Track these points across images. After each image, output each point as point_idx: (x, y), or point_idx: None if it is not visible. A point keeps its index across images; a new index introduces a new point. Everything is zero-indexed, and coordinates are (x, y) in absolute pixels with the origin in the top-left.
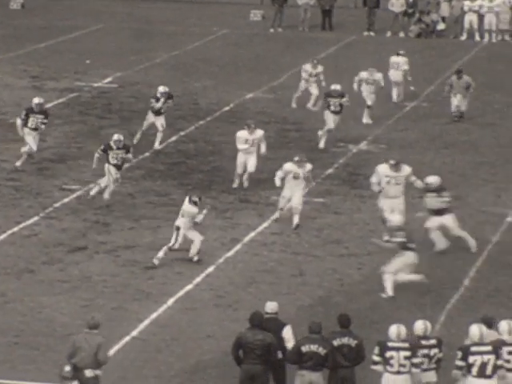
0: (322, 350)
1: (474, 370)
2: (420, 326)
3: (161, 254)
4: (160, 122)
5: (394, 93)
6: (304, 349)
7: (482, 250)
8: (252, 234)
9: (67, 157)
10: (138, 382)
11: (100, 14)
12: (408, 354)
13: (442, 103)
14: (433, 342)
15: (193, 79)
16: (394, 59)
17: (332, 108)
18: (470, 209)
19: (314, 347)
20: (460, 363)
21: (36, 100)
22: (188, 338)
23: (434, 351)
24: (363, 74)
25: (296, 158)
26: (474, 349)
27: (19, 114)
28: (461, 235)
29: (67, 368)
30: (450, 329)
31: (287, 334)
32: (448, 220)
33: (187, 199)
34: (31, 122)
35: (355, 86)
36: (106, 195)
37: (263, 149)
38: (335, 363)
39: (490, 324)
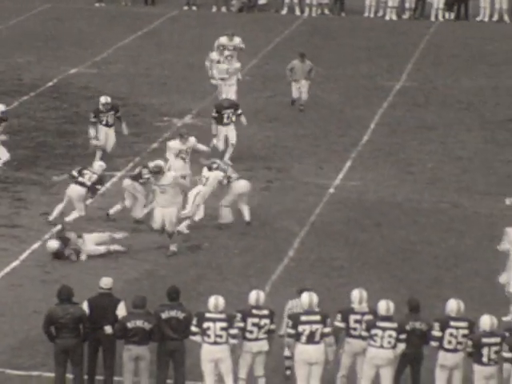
0: (147, 325)
1: (303, 338)
2: (253, 295)
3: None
4: None
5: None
6: (130, 325)
7: (306, 221)
8: None
9: None
10: None
11: None
12: (224, 324)
13: (265, 76)
14: (265, 312)
15: (16, 55)
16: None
17: (225, 120)
18: (294, 181)
19: (139, 323)
20: (291, 331)
21: (103, 99)
22: (15, 314)
23: (264, 321)
24: (213, 55)
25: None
26: (303, 318)
27: None
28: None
29: None
30: (275, 299)
31: (121, 310)
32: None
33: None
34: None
35: (207, 64)
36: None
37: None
38: (163, 336)
39: (302, 291)
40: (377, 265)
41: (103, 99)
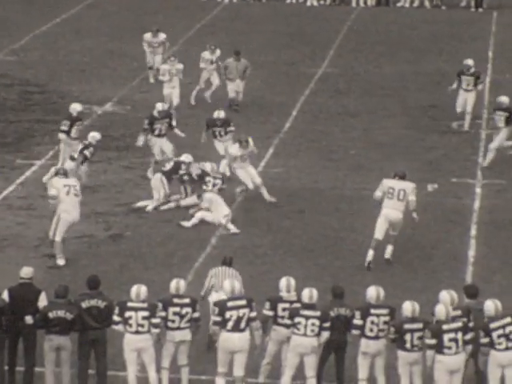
0: (68, 315)
1: (229, 325)
2: (173, 284)
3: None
4: None
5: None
6: (51, 315)
7: (228, 207)
8: None
9: None
10: None
11: None
12: (146, 314)
13: (185, 63)
14: (186, 300)
15: None
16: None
17: (218, 137)
18: None
19: (60, 313)
20: (217, 318)
21: (160, 106)
22: None
23: (186, 310)
24: (147, 36)
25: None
26: (230, 304)
27: None
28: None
29: None
30: (198, 287)
31: (42, 301)
32: None
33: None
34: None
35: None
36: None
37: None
38: (84, 326)
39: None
40: (300, 252)
41: (160, 106)
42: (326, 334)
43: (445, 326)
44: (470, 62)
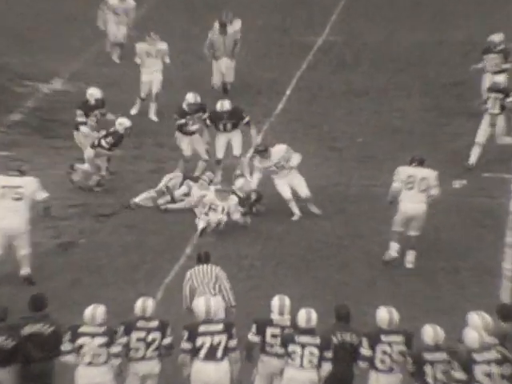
0: (9, 343)
1: (202, 353)
2: (138, 304)
3: None
4: None
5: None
6: None
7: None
8: None
9: None
10: None
11: None
12: (104, 340)
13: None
14: (154, 324)
15: None
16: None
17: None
18: None
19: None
20: (186, 345)
21: (191, 98)
22: None
23: (153, 335)
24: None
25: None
26: (202, 328)
27: None
28: None
29: None
30: (170, 307)
31: None
32: None
33: None
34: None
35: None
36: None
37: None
38: (26, 356)
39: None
40: (295, 263)
41: (191, 98)
42: (327, 367)
43: (476, 357)
44: (496, 37)
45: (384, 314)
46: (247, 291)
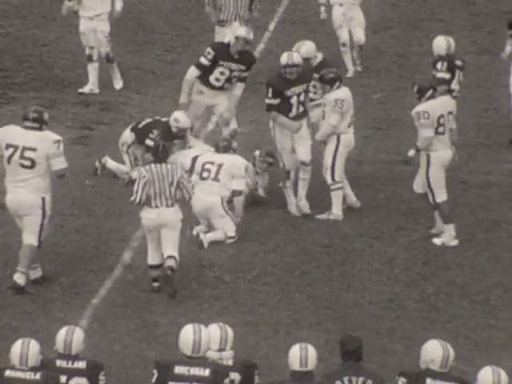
0: None
1: None
2: (60, 336)
3: None
4: None
5: None
6: None
7: None
8: None
9: None
10: None
11: None
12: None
13: None
14: (79, 365)
15: None
16: None
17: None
18: None
19: None
20: None
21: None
22: None
23: (77, 381)
24: None
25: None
26: (178, 369)
27: None
28: None
29: None
30: (100, 340)
31: None
32: None
33: None
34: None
35: None
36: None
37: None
38: None
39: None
40: (282, 277)
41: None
42: None
43: None
44: None
45: (436, 348)
46: (212, 317)
